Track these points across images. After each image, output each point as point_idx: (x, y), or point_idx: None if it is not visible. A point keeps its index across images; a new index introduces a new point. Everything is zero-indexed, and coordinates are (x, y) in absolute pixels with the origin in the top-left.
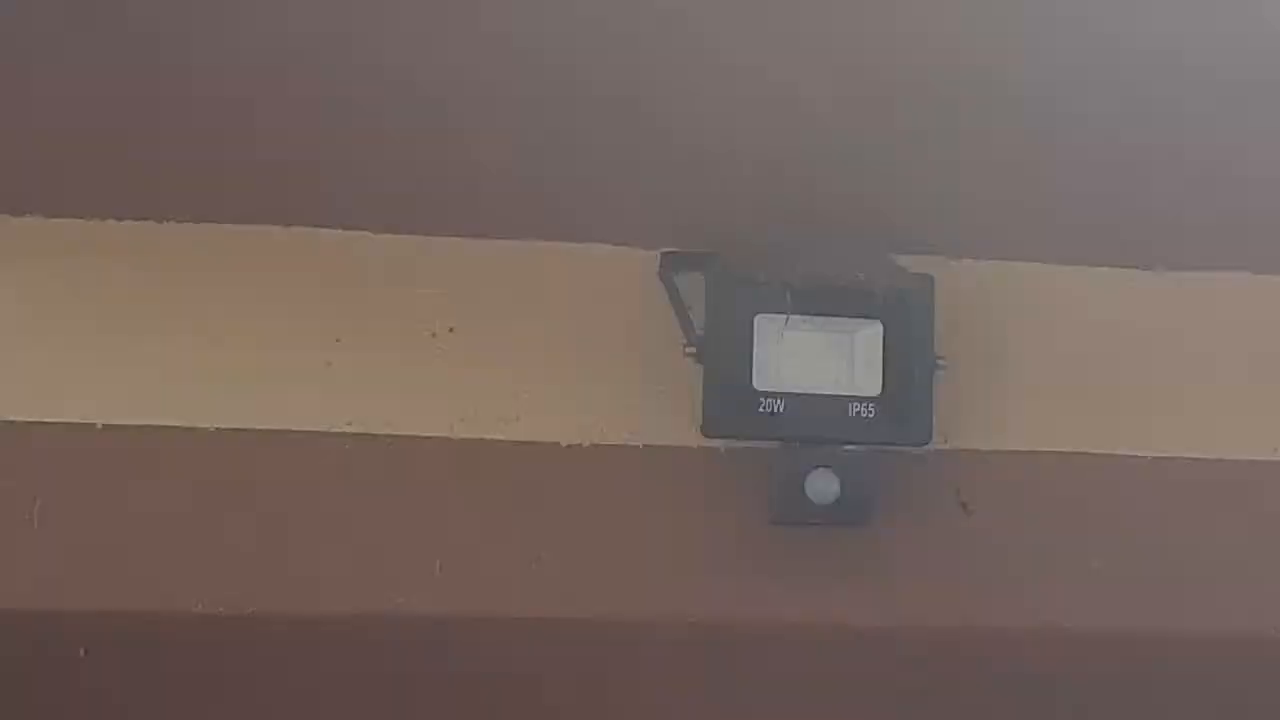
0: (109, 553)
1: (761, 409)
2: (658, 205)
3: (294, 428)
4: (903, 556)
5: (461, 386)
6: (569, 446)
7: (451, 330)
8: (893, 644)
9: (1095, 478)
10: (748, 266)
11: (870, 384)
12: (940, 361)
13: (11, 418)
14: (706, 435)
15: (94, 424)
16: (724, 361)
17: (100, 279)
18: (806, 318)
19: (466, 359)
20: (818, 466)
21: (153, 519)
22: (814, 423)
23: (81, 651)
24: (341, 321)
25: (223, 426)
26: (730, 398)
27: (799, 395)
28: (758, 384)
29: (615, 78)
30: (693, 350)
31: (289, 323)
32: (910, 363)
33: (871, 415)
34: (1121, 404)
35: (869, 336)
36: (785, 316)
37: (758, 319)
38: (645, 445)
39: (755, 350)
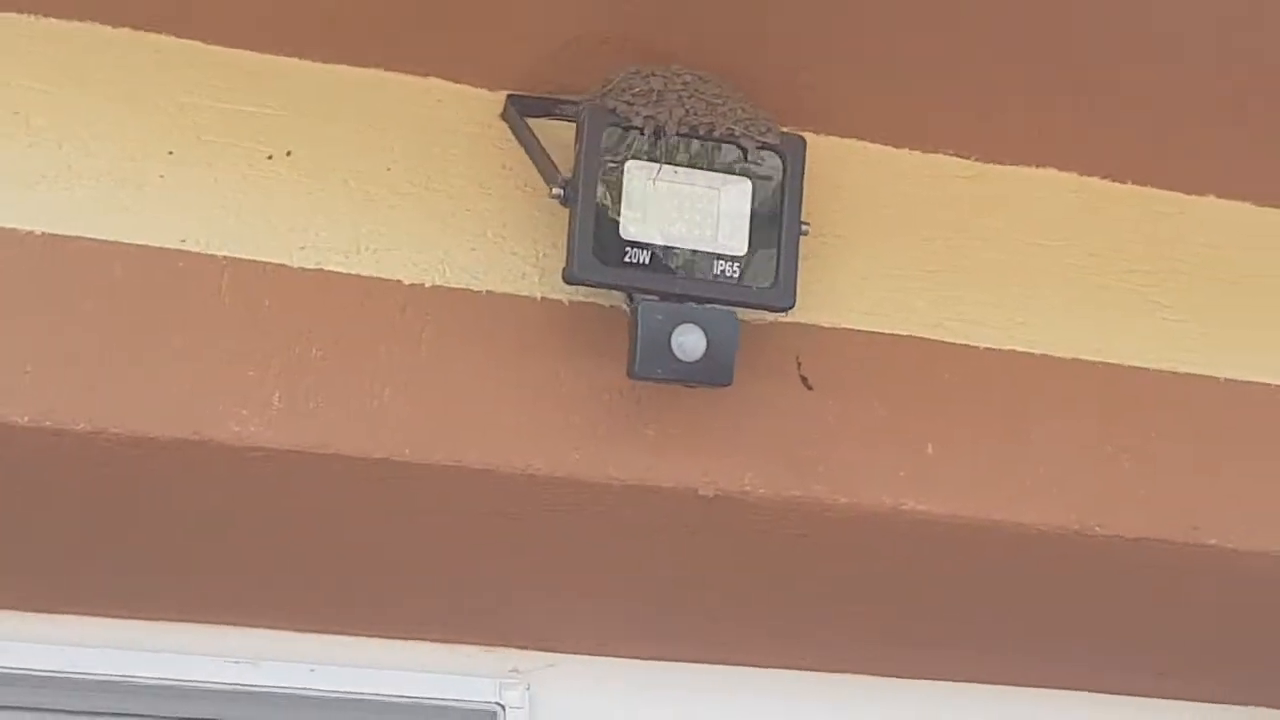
0: None
1: (628, 259)
2: (503, 43)
3: (125, 240)
4: (749, 423)
5: (301, 214)
6: (411, 285)
7: (289, 154)
8: (741, 510)
9: (935, 364)
10: (624, 109)
11: (736, 243)
12: (805, 227)
13: None
14: (569, 281)
15: None
16: (592, 207)
17: None
18: (677, 169)
19: (306, 186)
20: (685, 322)
21: None
22: (680, 278)
23: None
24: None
25: (50, 231)
26: (598, 245)
27: (666, 248)
28: (625, 233)
29: None
30: (559, 193)
31: (124, 129)
32: (778, 225)
33: (736, 275)
34: (967, 294)
35: (737, 193)
36: (658, 165)
37: (629, 164)
38: (489, 291)
39: (625, 197)
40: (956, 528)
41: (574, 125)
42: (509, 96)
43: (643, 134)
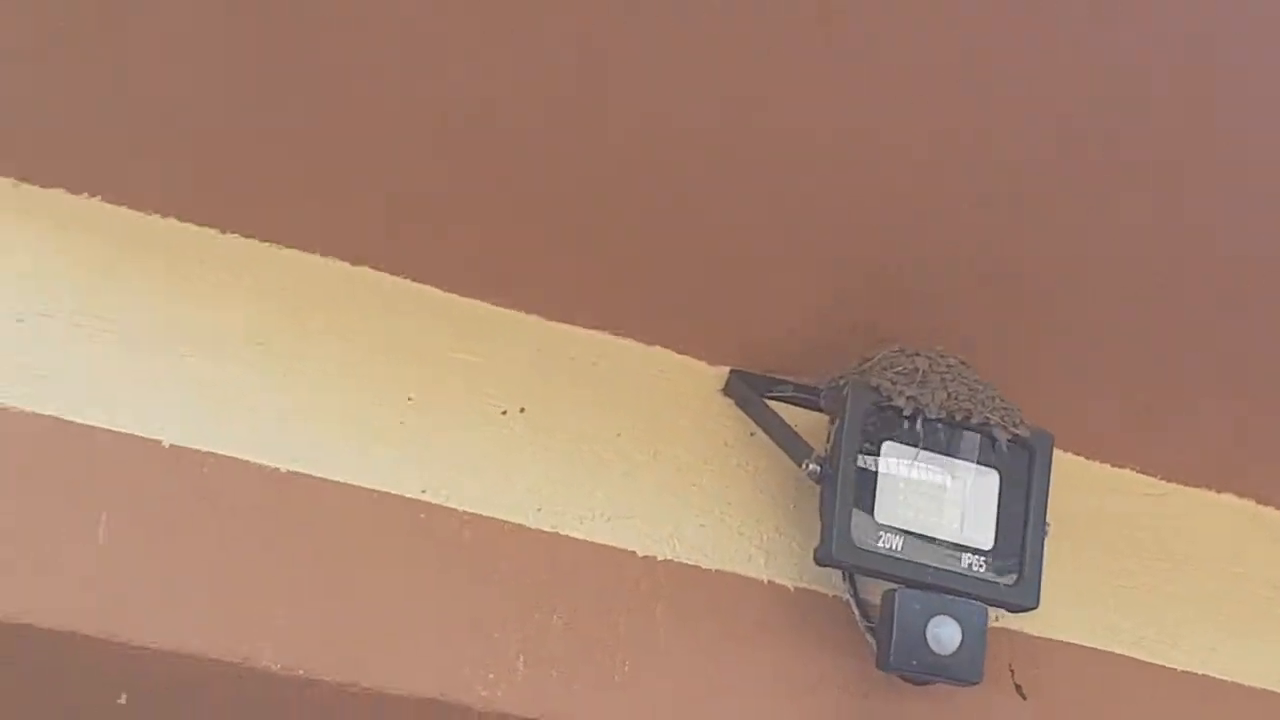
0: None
1: (881, 544)
2: (726, 318)
3: (366, 485)
4: None
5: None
6: (644, 557)
7: (522, 411)
8: None
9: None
10: (887, 387)
11: (983, 537)
12: (1048, 527)
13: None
14: (822, 562)
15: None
16: (850, 486)
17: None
18: (933, 454)
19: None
20: (940, 614)
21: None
22: (931, 569)
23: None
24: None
25: (296, 470)
26: (851, 528)
27: (919, 535)
28: (879, 516)
29: None
30: (814, 469)
31: (367, 372)
32: (1024, 521)
33: (983, 570)
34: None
35: (985, 485)
36: (916, 450)
37: (886, 445)
38: (718, 570)
39: (880, 478)
40: None
41: (790, 406)
42: (733, 372)
43: (901, 415)
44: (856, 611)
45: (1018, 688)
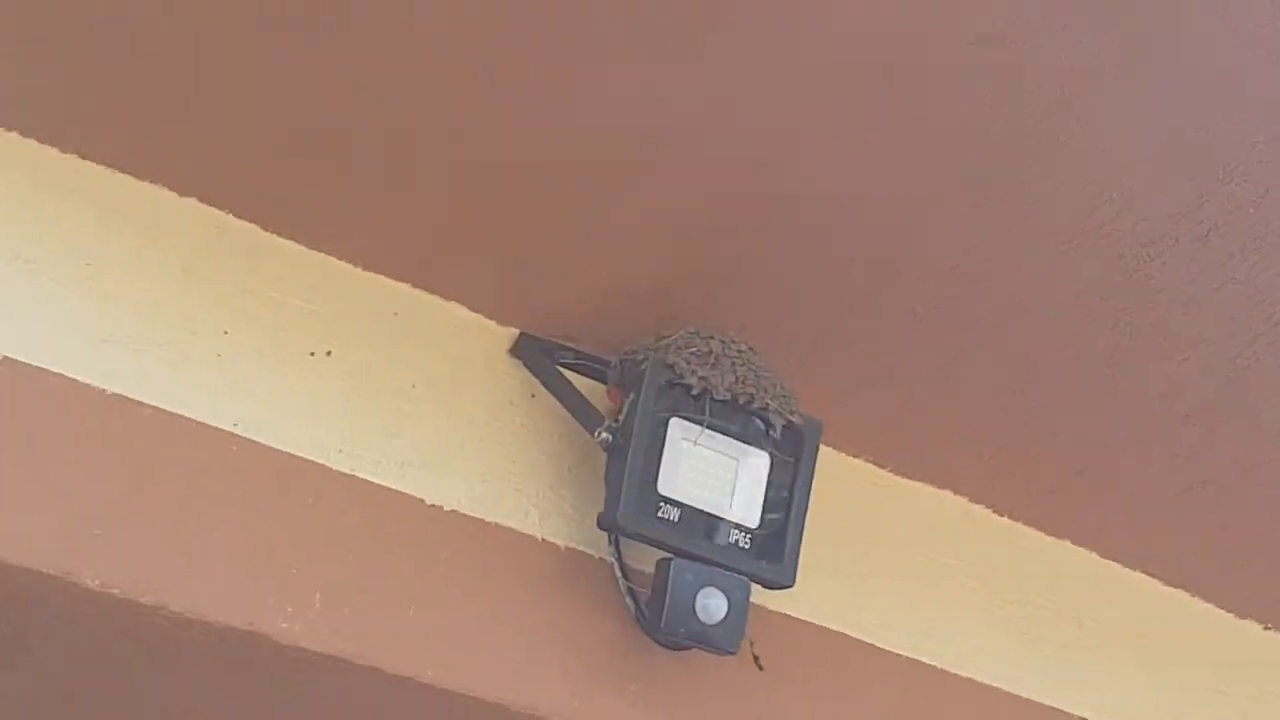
0: None
1: (660, 514)
2: (519, 281)
3: (183, 413)
4: (706, 693)
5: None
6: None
7: (329, 354)
8: None
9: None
10: (681, 366)
11: (750, 515)
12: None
13: None
14: (606, 528)
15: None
16: (640, 457)
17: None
18: (714, 435)
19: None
20: (709, 585)
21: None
22: (702, 541)
23: None
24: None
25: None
26: (634, 496)
27: (693, 509)
28: (661, 488)
29: None
30: (606, 438)
31: (188, 303)
32: (790, 504)
33: (748, 547)
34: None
35: (757, 466)
36: (700, 427)
37: (674, 421)
38: (497, 524)
39: (666, 451)
40: None
41: (573, 373)
42: (521, 335)
43: (690, 393)
44: (620, 575)
45: (755, 659)
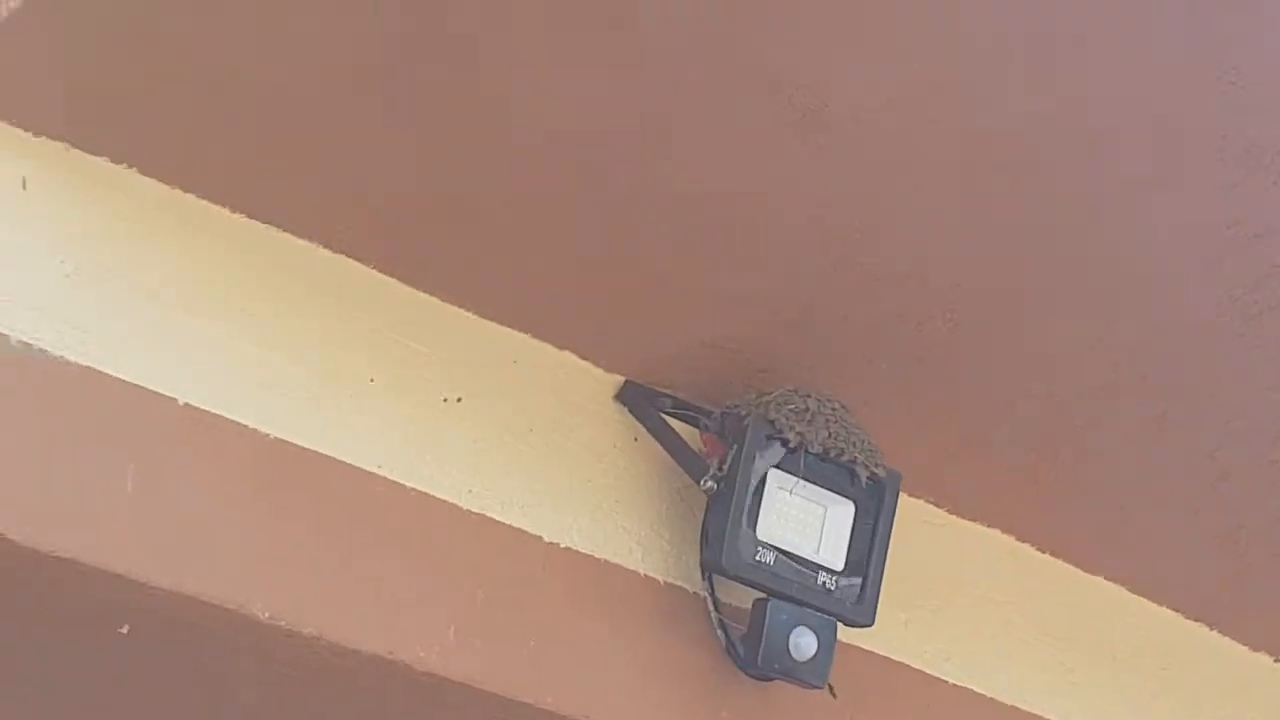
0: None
1: (758, 557)
2: (627, 331)
3: (336, 456)
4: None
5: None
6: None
7: (460, 400)
8: None
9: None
10: (781, 422)
11: (837, 559)
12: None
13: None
14: (711, 569)
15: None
16: (743, 504)
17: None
18: (808, 484)
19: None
20: (801, 624)
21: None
22: (795, 584)
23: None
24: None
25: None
26: (736, 541)
27: (787, 553)
28: (760, 533)
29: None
30: (711, 486)
31: (332, 351)
32: (871, 548)
33: (834, 588)
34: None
35: (843, 514)
36: (796, 479)
37: (772, 472)
38: (606, 561)
39: (764, 500)
40: None
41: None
42: (626, 382)
43: (788, 446)
44: (712, 609)
45: (829, 687)
